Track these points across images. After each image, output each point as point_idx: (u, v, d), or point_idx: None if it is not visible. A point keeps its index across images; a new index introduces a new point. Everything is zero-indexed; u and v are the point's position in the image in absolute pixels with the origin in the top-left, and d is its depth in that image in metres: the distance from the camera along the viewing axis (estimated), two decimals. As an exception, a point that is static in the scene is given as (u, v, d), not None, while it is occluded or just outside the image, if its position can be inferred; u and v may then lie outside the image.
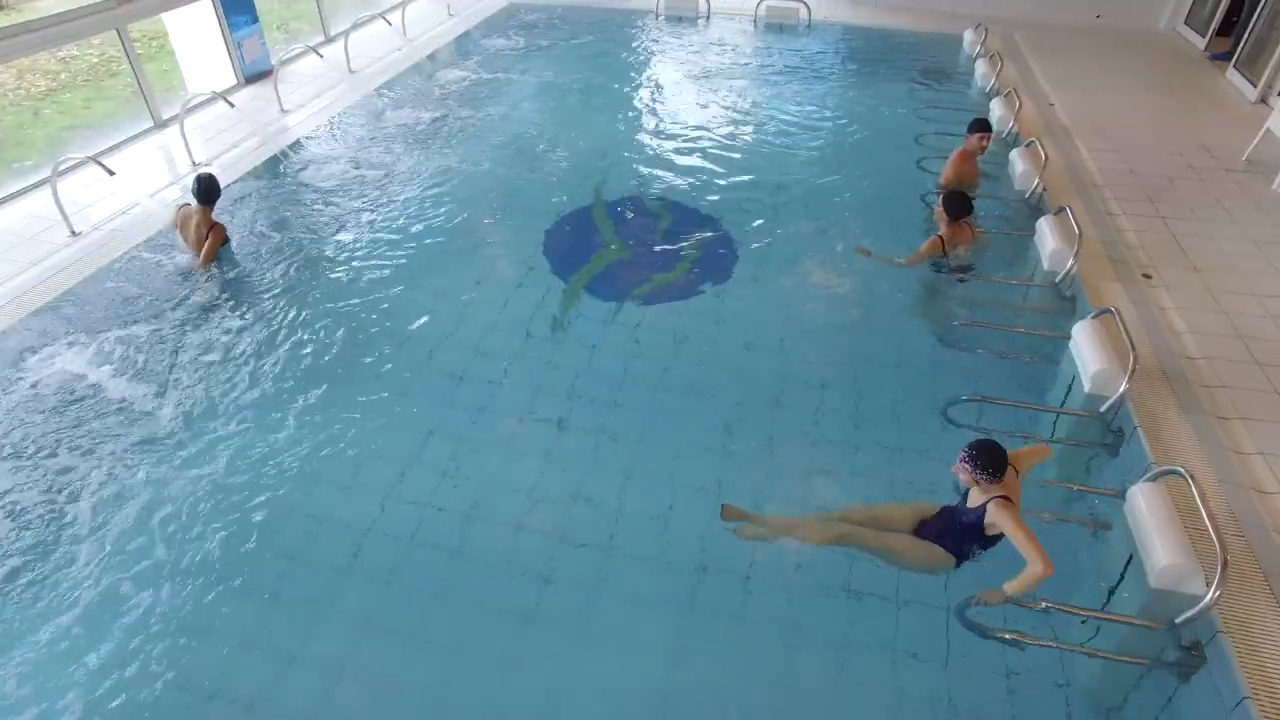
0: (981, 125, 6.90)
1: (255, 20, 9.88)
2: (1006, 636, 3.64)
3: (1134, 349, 4.73)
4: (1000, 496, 3.56)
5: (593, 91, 10.12)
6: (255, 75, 9.94)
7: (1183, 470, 3.80)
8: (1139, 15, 12.76)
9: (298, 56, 10.08)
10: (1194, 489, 3.70)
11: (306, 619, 3.84)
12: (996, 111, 8.71)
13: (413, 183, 7.76)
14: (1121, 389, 4.66)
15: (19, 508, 4.30)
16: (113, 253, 6.38)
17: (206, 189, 5.94)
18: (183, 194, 7.16)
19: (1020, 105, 8.49)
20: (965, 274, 6.19)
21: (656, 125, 9.18)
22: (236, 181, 7.61)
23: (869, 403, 5.13)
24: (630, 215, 7.33)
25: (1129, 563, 3.90)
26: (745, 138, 8.78)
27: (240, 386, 5.19)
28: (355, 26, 10.68)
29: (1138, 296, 5.84)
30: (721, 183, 7.84)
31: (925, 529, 3.98)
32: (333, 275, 6.37)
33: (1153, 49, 11.77)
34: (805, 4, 12.17)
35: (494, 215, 7.30)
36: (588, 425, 4.98)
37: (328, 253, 6.64)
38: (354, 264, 6.51)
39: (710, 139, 8.74)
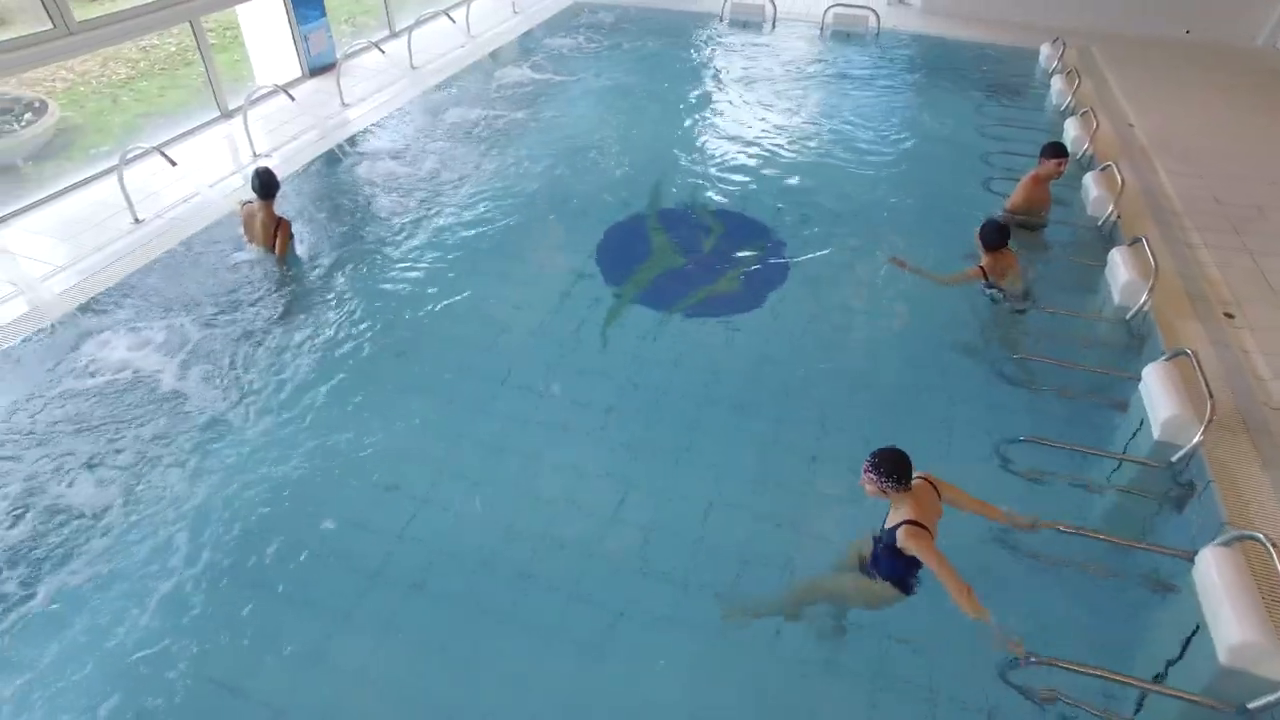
0: (1058, 150, 6.55)
1: (323, 14, 10.03)
2: (1052, 700, 3.40)
3: (1211, 396, 4.40)
4: (910, 522, 3.41)
5: (652, 95, 10.00)
6: (320, 68, 10.09)
7: (1262, 537, 3.50)
8: (1234, 30, 12.03)
9: (361, 51, 10.21)
10: (1275, 557, 3.40)
11: (331, 621, 3.83)
12: (1071, 131, 8.30)
13: (468, 182, 7.76)
14: (1195, 440, 4.35)
15: (65, 488, 4.40)
16: (171, 241, 6.51)
17: (266, 184, 5.99)
18: (243, 183, 7.29)
19: (1097, 125, 8.07)
20: (1024, 304, 5.90)
21: (715, 133, 9.01)
22: (295, 174, 7.72)
23: (917, 435, 4.86)
24: (683, 224, 7.20)
25: (1195, 633, 3.62)
26: (805, 148, 8.56)
27: (288, 380, 5.24)
28: (419, 22, 10.77)
29: (1218, 337, 5.46)
30: (778, 194, 7.65)
31: (869, 562, 3.80)
32: (383, 271, 6.40)
33: (1247, 67, 11.10)
34: (874, 12, 11.84)
35: (548, 219, 7.26)
36: (627, 439, 4.89)
37: (380, 249, 6.68)
38: (405, 262, 6.54)
39: (769, 149, 8.55)
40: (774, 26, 12.32)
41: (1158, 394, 4.71)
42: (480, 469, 4.67)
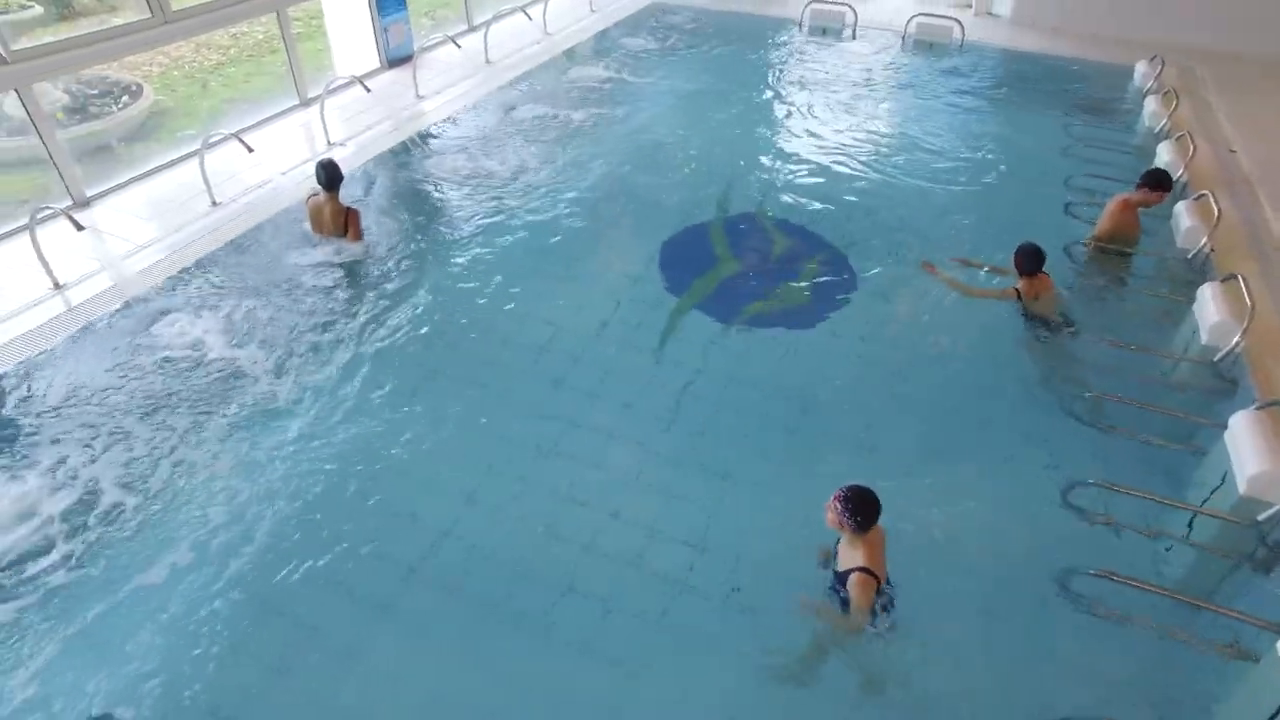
0: (1161, 180, 6.19)
1: (404, 7, 10.22)
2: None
3: (1308, 452, 4.08)
4: (864, 571, 3.46)
5: (725, 101, 9.86)
6: (398, 60, 10.28)
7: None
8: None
9: (437, 45, 10.37)
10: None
11: (371, 615, 3.87)
12: (1164, 156, 7.84)
13: (535, 179, 7.78)
14: (1288, 499, 4.03)
15: (129, 460, 4.57)
16: (245, 225, 6.73)
17: (331, 176, 6.12)
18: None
19: (1194, 150, 7.58)
20: (1060, 331, 5.66)
21: (786, 142, 8.84)
22: (367, 164, 7.88)
23: (977, 469, 4.69)
24: (748, 233, 7.07)
25: (1278, 715, 3.33)
26: (877, 162, 8.31)
27: (346, 368, 5.33)
28: (496, 18, 10.88)
29: (1318, 388, 5.07)
30: (846, 208, 7.44)
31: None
32: (446, 265, 6.47)
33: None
34: (959, 23, 11.43)
35: (613, 221, 7.23)
36: (678, 450, 4.81)
37: (444, 242, 6.75)
38: (468, 256, 6.59)
39: (841, 160, 8.32)
40: (854, 35, 12.02)
41: (1246, 445, 4.39)
42: (527, 472, 4.65)
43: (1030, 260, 5.57)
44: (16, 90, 6.51)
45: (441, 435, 4.87)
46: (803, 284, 6.37)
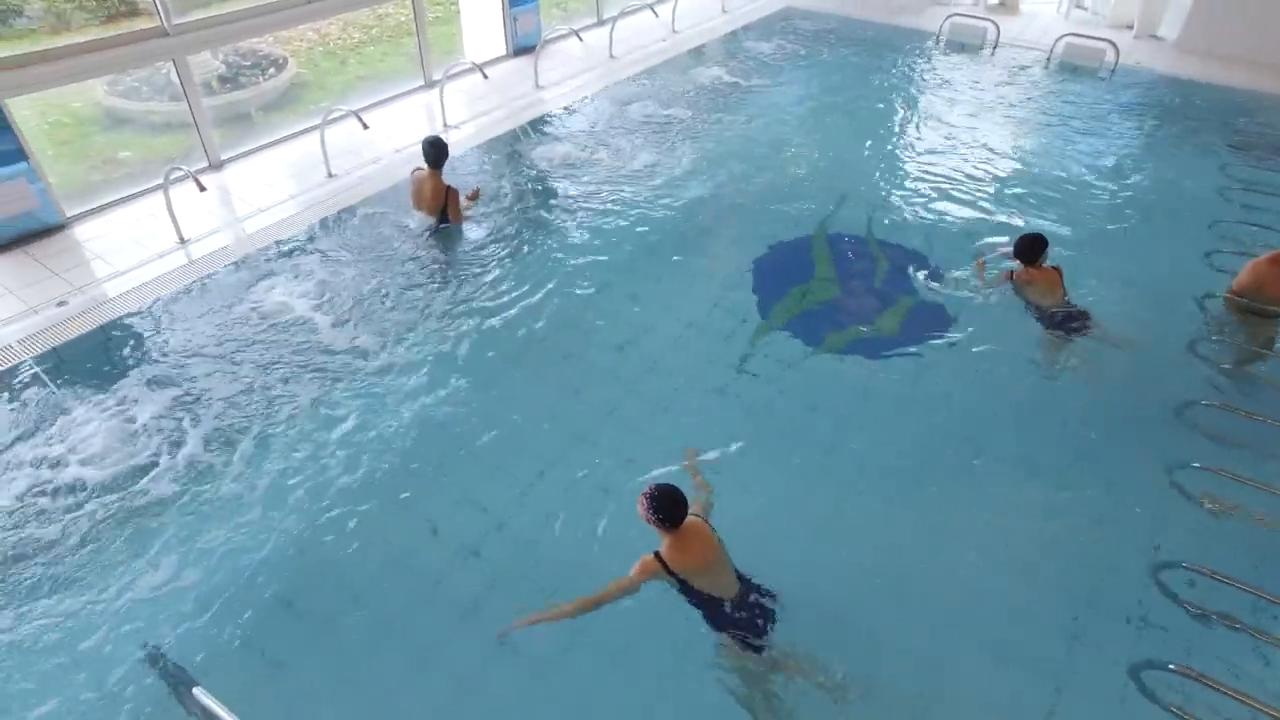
0: None
1: (537, -3, 10.43)
2: None
3: None
4: (655, 555, 3.53)
5: (847, 113, 9.49)
6: (523, 49, 10.50)
7: None
8: None
9: (561, 37, 10.52)
10: None
11: (416, 599, 3.94)
12: (1339, 208, 6.95)
13: (640, 178, 7.74)
14: None
15: (220, 409, 4.89)
16: (355, 198, 7.06)
17: (437, 153, 6.28)
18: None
19: (1377, 205, 6.69)
20: (1058, 326, 5.56)
21: (906, 161, 8.39)
22: (478, 147, 8.10)
23: (1059, 528, 4.32)
24: (852, 253, 6.76)
25: None
26: (1003, 191, 7.73)
27: (428, 346, 5.47)
28: (624, 14, 10.93)
29: None
30: (960, 236, 6.96)
31: None
32: (540, 256, 6.52)
33: None
34: (1113, 45, 10.52)
35: (714, 226, 7.10)
36: (744, 471, 4.63)
37: (542, 233, 6.81)
38: (564, 248, 6.63)
39: (962, 185, 7.82)
40: (994, 52, 11.32)
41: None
42: (587, 473, 4.60)
43: (1023, 247, 5.71)
44: (173, 60, 7.07)
45: (512, 424, 4.89)
46: (901, 312, 6.03)
